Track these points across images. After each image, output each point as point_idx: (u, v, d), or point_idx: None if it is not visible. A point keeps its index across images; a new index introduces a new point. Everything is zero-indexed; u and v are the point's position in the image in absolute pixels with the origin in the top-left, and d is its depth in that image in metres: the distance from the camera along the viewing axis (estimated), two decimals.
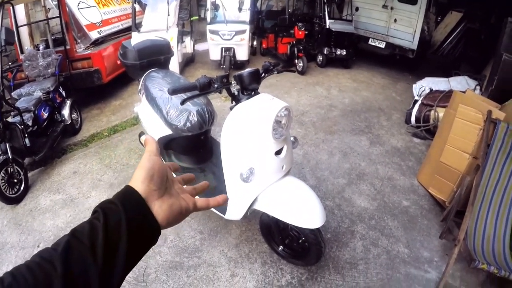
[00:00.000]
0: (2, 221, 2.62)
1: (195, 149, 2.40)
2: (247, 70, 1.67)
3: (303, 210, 1.66)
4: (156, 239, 0.48)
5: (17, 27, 3.91)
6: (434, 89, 4.40)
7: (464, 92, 3.55)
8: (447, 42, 7.10)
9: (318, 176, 3.10)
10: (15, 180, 2.81)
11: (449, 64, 6.55)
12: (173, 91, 1.49)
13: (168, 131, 2.25)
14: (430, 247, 2.43)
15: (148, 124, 2.46)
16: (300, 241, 1.94)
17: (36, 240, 2.41)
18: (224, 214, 1.91)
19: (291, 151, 1.81)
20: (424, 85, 4.61)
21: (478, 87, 4.25)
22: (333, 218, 2.59)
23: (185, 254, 2.25)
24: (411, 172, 3.26)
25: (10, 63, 4.47)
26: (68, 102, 3.77)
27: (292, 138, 1.91)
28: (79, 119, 4.06)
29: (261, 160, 1.61)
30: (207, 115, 2.16)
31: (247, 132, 1.60)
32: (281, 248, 2.07)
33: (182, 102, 1.46)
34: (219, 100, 4.68)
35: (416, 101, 4.33)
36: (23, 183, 2.87)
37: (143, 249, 0.46)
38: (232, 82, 1.66)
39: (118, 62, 3.48)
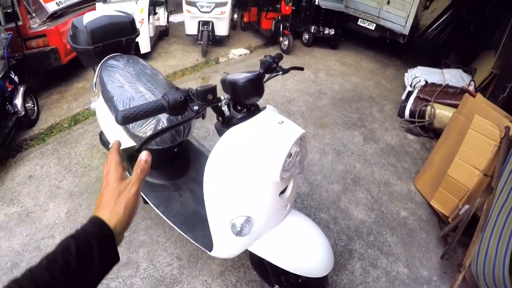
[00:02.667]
0: None
1: (168, 163, 1.97)
2: (245, 76, 1.17)
3: (307, 257, 1.35)
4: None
5: None
6: (428, 80, 4.18)
7: (463, 90, 3.34)
8: (433, 27, 6.85)
9: (310, 181, 2.81)
10: None
11: (437, 51, 6.36)
12: (124, 119, 0.91)
13: (131, 142, 1.76)
14: (429, 265, 2.26)
15: (108, 130, 1.99)
16: (300, 280, 1.65)
17: None
18: (210, 251, 1.56)
19: (297, 183, 1.45)
20: (418, 75, 4.36)
21: (472, 83, 4.07)
22: (330, 235, 2.33)
23: (162, 286, 1.91)
24: (408, 176, 3.04)
25: None
26: (21, 90, 3.14)
27: None
28: (35, 108, 3.46)
29: (262, 206, 1.22)
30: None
31: (244, 171, 1.17)
32: (276, 287, 1.77)
33: (138, 150, 0.92)
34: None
35: (410, 92, 4.08)
36: None
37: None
38: (223, 98, 1.16)
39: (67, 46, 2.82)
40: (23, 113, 3.09)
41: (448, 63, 5.09)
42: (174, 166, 2.04)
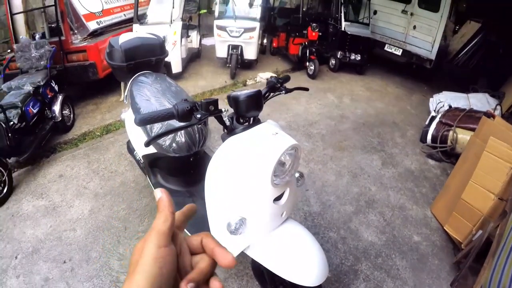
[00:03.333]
0: None
1: (184, 171, 2.11)
2: (246, 92, 1.32)
3: (301, 265, 1.38)
4: None
5: (11, 15, 3.65)
6: (452, 105, 4.10)
7: (487, 114, 3.25)
8: (463, 52, 6.71)
9: (323, 201, 2.82)
10: None
11: (466, 76, 6.22)
12: (141, 121, 1.14)
13: (153, 149, 1.96)
14: None
15: (133, 137, 2.18)
16: None
17: (15, 250, 2.20)
18: None
19: (295, 193, 1.51)
20: (442, 100, 4.29)
21: (499, 107, 3.94)
22: (336, 254, 2.32)
23: None
24: (425, 201, 2.97)
25: (9, 50, 4.23)
26: (60, 98, 3.50)
27: (297, 175, 1.60)
28: (71, 115, 3.80)
29: (256, 209, 1.30)
30: (197, 135, 1.87)
31: (239, 175, 1.27)
32: None
33: (147, 144, 1.14)
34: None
35: (433, 117, 4.02)
36: (7, 184, 2.66)
37: None
38: (223, 110, 1.32)
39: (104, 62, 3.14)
40: (60, 119, 3.41)
41: (476, 88, 4.97)
42: (190, 175, 2.18)
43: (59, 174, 2.97)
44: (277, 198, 1.36)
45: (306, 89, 1.79)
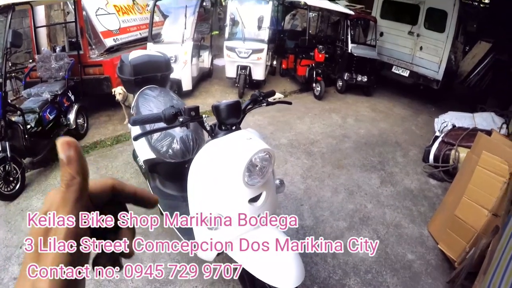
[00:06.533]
0: None
1: (179, 177, 2.24)
2: (226, 101, 1.48)
3: (276, 267, 1.44)
4: None
5: (35, 27, 3.99)
6: (457, 125, 4.10)
7: (489, 133, 3.24)
8: (475, 73, 6.71)
9: (317, 216, 2.86)
10: (11, 178, 2.80)
11: (476, 97, 6.17)
12: (134, 122, 1.34)
13: (152, 155, 2.13)
14: None
15: (137, 146, 2.35)
16: None
17: (20, 241, 2.38)
18: (196, 250, 1.72)
19: (274, 197, 1.59)
20: (447, 120, 4.29)
21: (504, 126, 3.91)
22: (324, 267, 2.33)
23: (157, 284, 2.10)
24: (422, 220, 2.95)
25: (31, 60, 4.55)
26: (75, 107, 3.76)
27: (277, 182, 1.69)
28: (85, 124, 4.04)
29: (231, 208, 1.40)
30: (191, 143, 2.00)
31: (216, 174, 1.40)
32: None
33: (135, 138, 1.30)
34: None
35: (436, 137, 4.03)
36: (19, 181, 2.86)
37: None
38: (204, 116, 1.48)
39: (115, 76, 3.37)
40: (74, 126, 3.67)
41: (485, 108, 4.93)
42: (184, 181, 2.30)
43: None
44: (255, 200, 1.44)
45: (289, 103, 1.90)
